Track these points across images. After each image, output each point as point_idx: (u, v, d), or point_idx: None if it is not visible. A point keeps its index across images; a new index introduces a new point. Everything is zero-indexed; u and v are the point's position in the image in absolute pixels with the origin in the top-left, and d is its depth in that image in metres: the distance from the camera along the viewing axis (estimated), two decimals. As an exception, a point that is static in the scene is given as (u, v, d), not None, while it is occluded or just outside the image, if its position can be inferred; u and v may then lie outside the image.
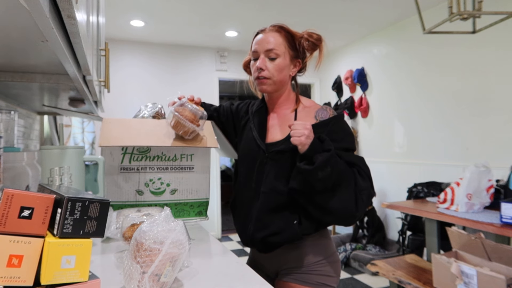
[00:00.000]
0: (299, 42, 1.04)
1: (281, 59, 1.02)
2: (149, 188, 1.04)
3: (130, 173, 1.02)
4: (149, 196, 1.05)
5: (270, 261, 1.06)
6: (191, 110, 0.97)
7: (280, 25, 1.04)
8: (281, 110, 1.11)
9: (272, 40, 1.02)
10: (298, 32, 1.05)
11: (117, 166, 1.01)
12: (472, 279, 1.46)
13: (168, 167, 1.06)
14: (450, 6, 1.78)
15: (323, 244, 1.03)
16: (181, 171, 1.07)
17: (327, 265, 1.01)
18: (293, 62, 1.06)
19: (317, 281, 0.98)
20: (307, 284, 0.98)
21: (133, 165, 1.03)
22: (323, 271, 0.99)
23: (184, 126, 0.97)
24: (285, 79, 1.06)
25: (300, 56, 1.06)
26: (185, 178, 1.08)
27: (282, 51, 1.02)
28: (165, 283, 0.63)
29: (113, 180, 1.01)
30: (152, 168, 1.04)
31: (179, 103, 0.98)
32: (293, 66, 1.06)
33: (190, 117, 0.96)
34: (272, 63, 1.02)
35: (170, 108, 0.98)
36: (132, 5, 3.18)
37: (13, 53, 0.75)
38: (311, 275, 0.98)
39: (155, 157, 1.05)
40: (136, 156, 1.03)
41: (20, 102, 1.53)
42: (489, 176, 1.85)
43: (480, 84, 2.86)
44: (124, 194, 1.02)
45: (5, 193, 0.49)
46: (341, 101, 4.57)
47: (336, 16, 3.51)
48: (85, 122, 3.22)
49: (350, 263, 3.35)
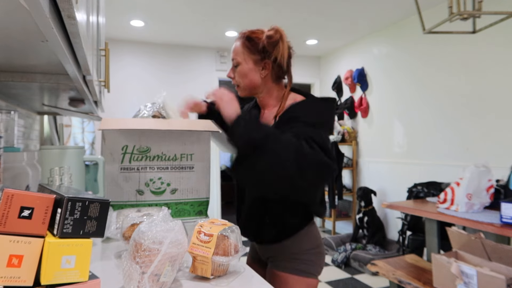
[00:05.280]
0: (262, 45, 1.06)
1: (242, 65, 1.08)
2: (149, 188, 1.05)
3: (131, 173, 1.03)
4: (150, 196, 1.05)
5: (263, 250, 1.15)
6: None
7: (241, 34, 1.09)
8: (269, 109, 1.14)
9: (234, 49, 1.10)
10: (261, 36, 1.07)
11: (117, 166, 1.01)
12: (472, 279, 1.46)
13: (168, 166, 1.06)
14: (450, 6, 1.78)
15: (309, 237, 1.08)
16: (181, 170, 1.08)
17: (311, 255, 1.06)
18: (260, 65, 1.07)
19: (301, 269, 1.04)
20: (293, 271, 1.04)
21: (133, 165, 1.03)
22: (308, 261, 1.05)
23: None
24: (254, 83, 1.09)
25: (267, 57, 1.07)
26: (185, 178, 1.08)
27: (242, 57, 1.08)
28: (164, 283, 0.63)
29: (113, 180, 1.01)
30: (152, 168, 1.05)
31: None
32: (261, 68, 1.08)
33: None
34: (236, 70, 1.10)
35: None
36: (132, 5, 3.18)
37: (13, 53, 0.75)
38: (296, 263, 1.04)
39: (155, 157, 1.05)
40: (136, 156, 1.03)
41: (20, 102, 1.54)
42: (489, 176, 1.85)
43: (480, 84, 2.86)
44: (125, 194, 1.02)
45: (5, 193, 0.49)
46: (341, 101, 4.57)
47: (336, 16, 3.50)
48: (85, 122, 3.22)
49: (350, 263, 3.35)
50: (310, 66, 4.99)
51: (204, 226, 0.77)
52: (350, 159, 4.32)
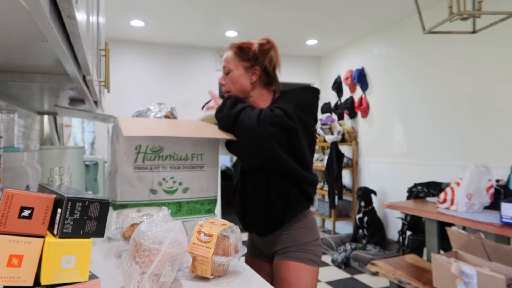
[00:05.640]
0: (253, 52, 1.17)
1: (234, 72, 1.18)
2: (162, 187, 1.06)
3: (144, 172, 1.04)
4: (163, 195, 1.06)
5: (267, 245, 1.21)
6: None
7: (232, 44, 1.21)
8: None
9: (225, 58, 1.20)
10: (252, 45, 1.19)
11: (131, 165, 1.02)
12: (472, 279, 1.46)
13: (180, 166, 1.08)
14: (450, 6, 1.78)
15: (309, 230, 1.17)
16: (192, 170, 1.10)
17: (314, 246, 1.16)
18: (250, 71, 1.18)
19: (306, 258, 1.13)
20: (299, 260, 1.13)
21: (146, 165, 1.04)
22: (312, 250, 1.15)
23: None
24: (244, 87, 1.19)
25: (258, 64, 1.18)
26: (196, 177, 1.11)
27: (234, 65, 1.18)
28: (164, 283, 0.63)
29: (127, 180, 1.02)
30: (165, 167, 1.06)
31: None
32: (251, 73, 1.18)
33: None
34: (228, 77, 1.20)
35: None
36: (132, 5, 3.18)
37: (13, 53, 0.75)
38: (301, 253, 1.13)
39: (168, 157, 1.07)
40: (149, 155, 1.04)
41: (20, 102, 1.54)
42: (489, 176, 1.85)
43: (480, 84, 2.86)
44: (139, 193, 1.03)
45: (5, 193, 0.49)
46: (341, 101, 4.57)
47: (336, 16, 3.51)
48: (85, 122, 3.22)
49: (350, 263, 3.35)
50: (310, 66, 4.99)
51: (204, 226, 0.77)
52: (350, 159, 4.32)
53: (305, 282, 1.11)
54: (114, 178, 1.03)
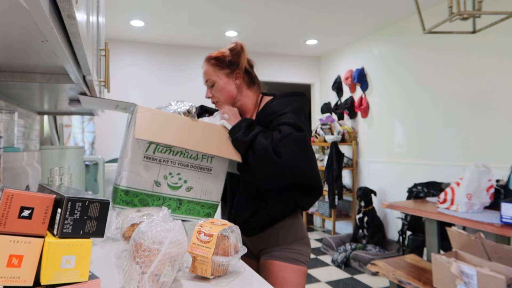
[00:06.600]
0: (228, 58, 1.21)
1: (218, 83, 1.22)
2: (167, 181, 1.07)
3: (152, 163, 1.05)
4: (166, 189, 1.07)
5: (254, 243, 1.22)
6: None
7: (207, 58, 1.25)
8: (249, 114, 1.28)
9: (204, 72, 1.24)
10: (224, 52, 1.23)
11: (141, 153, 1.03)
12: (472, 279, 1.46)
13: (189, 164, 1.09)
14: (450, 6, 1.78)
15: (295, 229, 1.19)
16: (199, 170, 1.10)
17: (299, 245, 1.18)
18: (232, 76, 1.22)
19: (290, 257, 1.15)
20: (283, 259, 1.15)
21: (156, 156, 1.05)
22: (297, 250, 1.17)
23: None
24: (231, 94, 1.23)
25: (236, 67, 1.22)
26: (202, 178, 1.11)
27: (215, 75, 1.22)
28: (164, 283, 0.63)
29: (135, 167, 1.03)
30: (173, 162, 1.07)
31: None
32: (234, 78, 1.22)
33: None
34: (213, 89, 1.23)
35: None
36: (132, 5, 3.18)
37: (13, 53, 0.75)
38: (286, 252, 1.15)
39: (178, 153, 1.07)
40: (161, 148, 1.05)
41: (20, 102, 1.54)
42: (489, 176, 1.85)
43: (480, 84, 2.86)
44: (143, 182, 1.04)
45: (5, 193, 0.49)
46: (341, 101, 4.57)
47: (336, 16, 3.51)
48: (85, 122, 3.22)
49: (350, 263, 3.35)
50: (310, 66, 4.99)
51: (204, 226, 0.77)
52: (350, 159, 4.32)
53: (290, 281, 1.12)
54: (123, 162, 1.04)
